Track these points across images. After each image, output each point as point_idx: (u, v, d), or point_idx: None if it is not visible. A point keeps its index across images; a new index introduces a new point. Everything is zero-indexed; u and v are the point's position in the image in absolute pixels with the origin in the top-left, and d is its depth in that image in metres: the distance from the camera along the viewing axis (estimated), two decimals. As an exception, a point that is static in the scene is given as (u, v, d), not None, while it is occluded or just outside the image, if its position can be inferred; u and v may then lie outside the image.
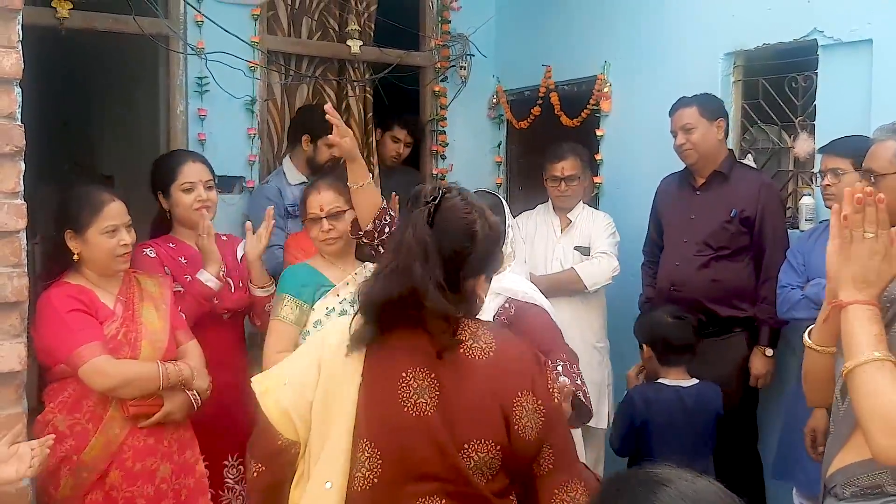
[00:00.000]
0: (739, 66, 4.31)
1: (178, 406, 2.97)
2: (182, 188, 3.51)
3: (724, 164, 4.03)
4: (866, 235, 1.87)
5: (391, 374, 1.91)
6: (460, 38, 5.55)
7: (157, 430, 2.95)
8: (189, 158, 3.62)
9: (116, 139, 6.60)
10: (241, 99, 4.75)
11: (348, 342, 1.94)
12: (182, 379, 2.96)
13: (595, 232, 4.51)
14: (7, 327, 2.56)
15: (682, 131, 4.03)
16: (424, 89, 5.63)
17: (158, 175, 3.62)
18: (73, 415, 2.86)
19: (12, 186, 2.54)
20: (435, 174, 5.62)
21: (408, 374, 1.90)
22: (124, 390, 2.86)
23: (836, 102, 3.82)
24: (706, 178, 4.06)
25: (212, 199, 3.56)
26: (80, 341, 2.80)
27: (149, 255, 3.41)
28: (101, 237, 2.92)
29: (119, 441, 2.87)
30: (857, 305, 1.87)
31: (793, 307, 3.58)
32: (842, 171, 3.42)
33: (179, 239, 3.57)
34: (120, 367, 2.85)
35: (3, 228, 2.52)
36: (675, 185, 4.23)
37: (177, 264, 3.47)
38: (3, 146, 2.51)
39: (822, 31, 3.84)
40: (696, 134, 3.99)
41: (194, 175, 3.52)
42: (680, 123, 4.04)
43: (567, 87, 5.23)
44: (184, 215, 3.53)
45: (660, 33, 4.60)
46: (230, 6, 4.72)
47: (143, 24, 4.31)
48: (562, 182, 4.49)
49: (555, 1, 5.26)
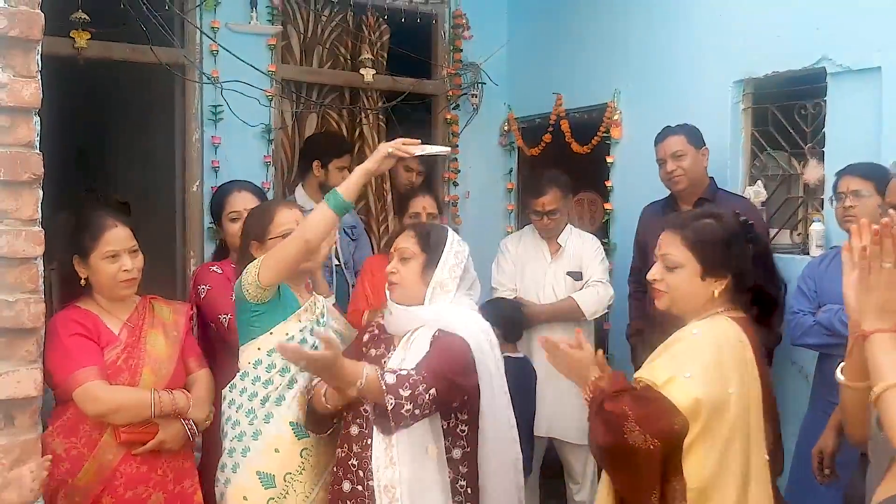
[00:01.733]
0: (749, 93, 4.33)
1: (172, 435, 2.94)
2: (230, 217, 3.61)
3: (707, 191, 4.09)
4: (884, 266, 1.89)
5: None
6: (472, 66, 5.61)
7: (151, 459, 2.92)
8: (235, 188, 3.71)
9: (132, 166, 6.67)
10: (255, 127, 4.81)
11: (741, 340, 2.39)
12: (176, 408, 2.93)
13: (586, 258, 4.54)
14: (24, 353, 2.58)
15: (672, 158, 4.09)
16: (436, 117, 5.68)
17: (212, 206, 3.82)
18: (69, 438, 2.85)
19: (30, 214, 2.57)
20: (447, 201, 5.66)
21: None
22: (115, 416, 2.84)
23: (845, 129, 3.83)
24: (692, 205, 4.05)
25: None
26: (76, 365, 2.80)
27: (216, 272, 3.51)
28: (102, 262, 2.92)
29: (112, 467, 2.85)
30: (880, 334, 1.89)
31: (805, 333, 3.57)
32: (866, 193, 3.42)
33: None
34: (112, 393, 2.83)
35: (20, 255, 2.55)
36: (657, 214, 4.23)
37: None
38: (22, 174, 2.54)
39: (830, 59, 3.85)
40: (686, 161, 4.06)
41: (240, 204, 3.59)
42: (670, 151, 4.10)
43: (578, 114, 5.26)
44: (234, 243, 3.56)
45: (670, 61, 4.63)
46: (245, 36, 4.80)
47: (159, 53, 4.38)
48: (544, 217, 4.51)
49: (565, 30, 5.31)
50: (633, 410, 2.30)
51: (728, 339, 2.42)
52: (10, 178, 2.53)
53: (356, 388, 2.45)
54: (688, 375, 2.31)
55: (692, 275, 2.47)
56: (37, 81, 2.58)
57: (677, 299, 2.51)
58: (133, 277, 2.98)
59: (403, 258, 2.85)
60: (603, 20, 5.07)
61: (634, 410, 2.30)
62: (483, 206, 5.78)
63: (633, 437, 2.29)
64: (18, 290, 2.56)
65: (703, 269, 2.46)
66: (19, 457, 2.55)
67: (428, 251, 2.85)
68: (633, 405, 2.32)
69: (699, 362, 2.34)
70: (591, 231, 4.93)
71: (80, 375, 2.79)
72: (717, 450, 2.33)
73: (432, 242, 2.86)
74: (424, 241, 2.86)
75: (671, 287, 2.50)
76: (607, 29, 5.04)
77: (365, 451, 2.70)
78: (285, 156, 5.20)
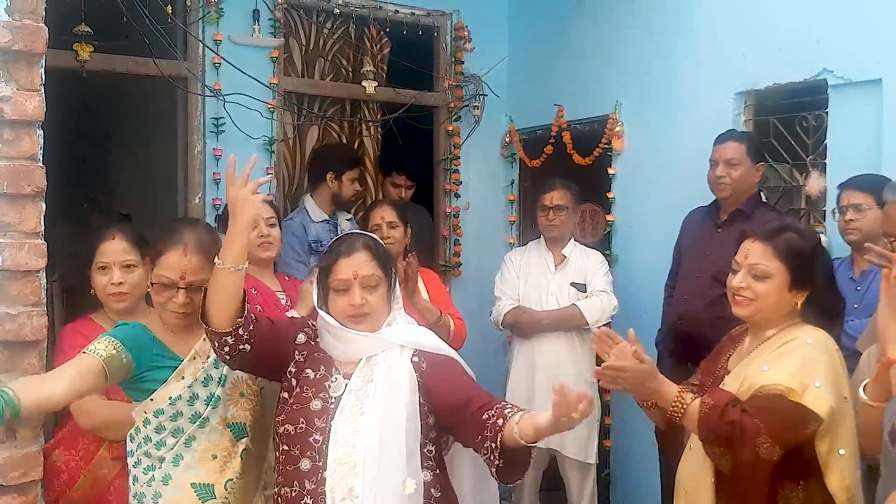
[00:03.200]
0: (750, 105, 4.33)
1: None
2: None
3: (747, 204, 4.01)
4: None
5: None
6: (474, 78, 5.63)
7: None
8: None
9: (134, 178, 6.68)
10: (257, 139, 4.82)
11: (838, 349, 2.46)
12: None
13: (590, 270, 4.57)
14: (26, 366, 2.57)
15: (724, 164, 3.98)
16: (438, 129, 5.69)
17: (225, 213, 3.66)
18: (69, 450, 2.85)
19: (33, 226, 2.57)
20: (448, 212, 5.66)
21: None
22: (107, 431, 2.82)
23: (846, 141, 3.84)
24: (729, 215, 4.05)
25: (273, 235, 3.63)
26: None
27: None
28: (95, 274, 2.92)
29: (106, 482, 2.84)
30: None
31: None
32: (866, 207, 3.43)
33: (248, 273, 3.58)
34: (104, 408, 2.81)
35: (23, 268, 2.55)
36: (698, 219, 4.21)
37: (249, 294, 3.47)
38: (25, 187, 2.55)
39: (831, 71, 3.86)
40: (739, 171, 3.96)
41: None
42: (725, 156, 3.98)
43: (579, 126, 5.27)
44: (248, 251, 3.55)
45: (671, 73, 4.64)
46: (247, 48, 4.82)
47: (162, 66, 4.39)
48: (550, 211, 4.57)
49: (567, 41, 5.33)
50: (764, 421, 2.33)
51: (833, 349, 2.49)
52: (12, 190, 2.53)
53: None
54: (818, 385, 2.36)
55: (780, 285, 2.52)
56: (40, 95, 2.59)
57: (764, 308, 2.55)
58: (121, 291, 2.93)
59: (370, 286, 2.56)
60: (604, 32, 5.08)
61: (766, 421, 2.33)
62: (484, 217, 5.78)
63: (764, 449, 2.32)
64: (21, 302, 2.55)
65: (791, 281, 2.51)
66: (22, 471, 2.54)
67: (387, 272, 2.62)
68: (763, 415, 2.35)
69: (822, 371, 2.40)
70: (592, 242, 4.95)
71: None
72: (855, 458, 2.42)
73: (388, 261, 2.65)
74: (384, 263, 2.62)
75: (759, 296, 2.53)
76: (608, 41, 5.05)
77: (320, 486, 2.42)
78: (286, 168, 5.21)
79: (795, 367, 2.41)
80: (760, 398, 2.40)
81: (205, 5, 4.68)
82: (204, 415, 2.59)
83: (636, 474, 4.75)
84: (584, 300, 4.51)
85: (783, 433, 2.34)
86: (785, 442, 2.34)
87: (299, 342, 2.62)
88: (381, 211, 4.16)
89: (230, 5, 4.77)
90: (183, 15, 4.63)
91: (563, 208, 4.58)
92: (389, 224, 4.10)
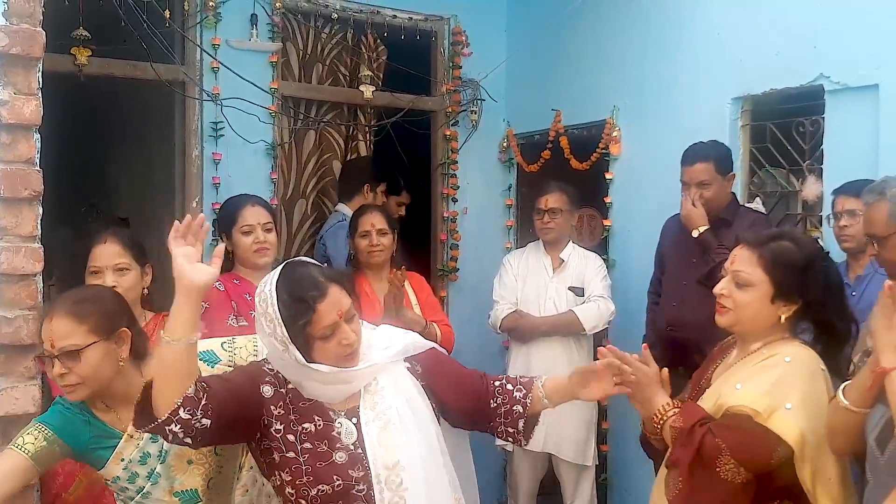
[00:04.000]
0: (747, 110, 4.34)
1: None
2: (242, 231, 3.60)
3: (727, 210, 4.03)
4: None
5: None
6: (471, 83, 5.63)
7: None
8: (248, 202, 3.69)
9: (132, 183, 6.67)
10: (255, 144, 4.82)
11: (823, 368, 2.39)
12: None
13: (588, 274, 4.57)
14: (22, 370, 2.58)
15: (696, 186, 4.00)
16: (435, 134, 5.70)
17: (221, 218, 3.77)
18: None
19: (30, 230, 2.58)
20: (446, 217, 5.67)
21: None
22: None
23: (843, 146, 3.84)
24: (710, 223, 4.03)
25: (270, 241, 3.63)
26: None
27: (218, 289, 3.47)
28: (89, 278, 2.93)
29: (101, 485, 2.78)
30: None
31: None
32: (859, 213, 3.43)
33: (244, 277, 3.62)
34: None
35: (20, 272, 2.56)
36: (678, 226, 4.22)
37: (243, 300, 3.52)
38: (22, 191, 2.56)
39: (828, 77, 3.86)
40: (711, 191, 3.98)
41: (253, 218, 3.61)
42: (696, 179, 3.99)
43: (577, 130, 5.28)
44: (244, 256, 3.61)
45: (668, 78, 4.65)
46: (246, 53, 4.82)
47: (160, 70, 4.40)
48: (545, 214, 4.59)
49: (564, 46, 5.34)
50: (727, 443, 2.24)
51: (817, 368, 2.39)
52: (9, 194, 2.54)
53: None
54: (788, 406, 2.26)
55: (763, 296, 2.41)
56: (37, 99, 2.60)
57: (742, 319, 2.45)
58: None
59: (353, 319, 2.32)
60: (602, 37, 5.09)
61: (730, 442, 2.24)
62: (482, 222, 5.79)
63: (726, 470, 2.24)
64: (17, 306, 2.56)
65: (775, 292, 2.40)
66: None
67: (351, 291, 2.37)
68: (728, 436, 2.26)
69: (798, 392, 2.30)
70: (590, 247, 4.95)
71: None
72: (846, 479, 2.33)
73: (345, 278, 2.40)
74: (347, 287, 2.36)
75: (738, 305, 2.44)
76: (606, 46, 5.06)
77: None
78: (283, 172, 5.21)
79: (766, 388, 2.31)
80: (727, 417, 2.32)
81: (203, 10, 4.68)
82: (146, 489, 2.46)
83: (633, 479, 4.74)
84: (581, 306, 4.52)
85: (748, 455, 2.24)
86: (750, 464, 2.24)
87: (267, 395, 2.29)
88: (371, 217, 4.12)
89: (228, 10, 4.77)
90: (181, 19, 4.63)
91: (558, 211, 4.60)
92: (380, 231, 4.08)
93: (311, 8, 5.17)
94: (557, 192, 4.62)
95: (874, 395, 2.08)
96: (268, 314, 2.23)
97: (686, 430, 2.31)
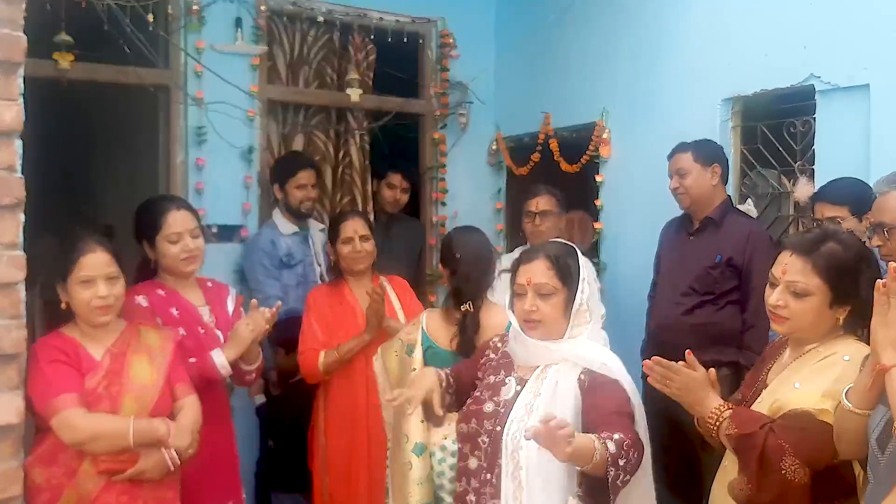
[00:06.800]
0: (738, 111, 4.33)
1: (152, 464, 2.82)
2: (168, 239, 3.32)
3: (716, 211, 4.05)
4: None
5: None
6: (459, 85, 5.61)
7: (132, 488, 2.81)
8: (173, 206, 3.40)
9: (117, 189, 6.63)
10: (239, 148, 4.78)
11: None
12: (157, 436, 2.82)
13: None
14: (5, 380, 2.53)
15: (676, 175, 4.10)
16: (424, 137, 5.67)
17: (142, 224, 3.44)
18: (49, 468, 2.76)
19: (12, 238, 2.53)
20: (436, 221, 5.63)
21: None
22: (92, 445, 2.75)
23: (834, 147, 3.83)
24: (699, 223, 4.10)
25: (199, 247, 3.38)
26: (54, 392, 2.71)
27: (141, 304, 3.28)
28: (76, 288, 2.84)
29: (91, 497, 2.76)
30: None
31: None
32: (841, 219, 3.41)
33: (169, 287, 3.41)
34: (90, 421, 2.74)
35: (2, 280, 2.51)
36: (673, 229, 4.28)
37: (169, 315, 3.33)
38: (3, 198, 2.51)
39: (819, 77, 3.86)
40: (689, 178, 4.04)
41: (179, 225, 3.33)
42: (675, 167, 4.10)
43: (566, 133, 5.26)
44: (171, 266, 3.37)
45: (658, 80, 4.63)
46: (229, 56, 4.78)
47: (143, 75, 4.35)
48: (535, 217, 4.57)
49: (553, 48, 5.32)
50: (790, 442, 2.24)
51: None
52: (-9, 202, 2.49)
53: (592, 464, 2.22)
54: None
55: (821, 303, 2.39)
56: (19, 104, 2.55)
57: (803, 327, 2.43)
58: (108, 305, 2.87)
59: (543, 294, 2.58)
60: (591, 39, 5.07)
61: (792, 442, 2.24)
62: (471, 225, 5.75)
63: (791, 471, 2.23)
64: (0, 315, 2.51)
65: (833, 297, 2.38)
66: (1, 487, 2.49)
67: (567, 283, 2.59)
68: (790, 436, 2.25)
69: None
70: (582, 250, 4.91)
71: (57, 403, 2.71)
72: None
73: (572, 272, 2.61)
74: (563, 273, 2.60)
75: (796, 314, 2.41)
76: (595, 47, 5.04)
77: (484, 487, 2.53)
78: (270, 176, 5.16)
79: (827, 386, 2.31)
80: (789, 417, 2.32)
81: (186, 13, 4.64)
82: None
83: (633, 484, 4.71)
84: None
85: (811, 454, 2.25)
86: (813, 463, 2.25)
87: (488, 357, 2.80)
88: (353, 223, 4.00)
89: (212, 13, 4.73)
90: (164, 23, 4.59)
91: (548, 213, 4.58)
92: (362, 237, 3.97)
93: (296, 11, 5.13)
94: (546, 195, 4.61)
95: (876, 395, 2.07)
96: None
97: (749, 435, 2.31)
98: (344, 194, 5.40)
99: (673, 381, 2.41)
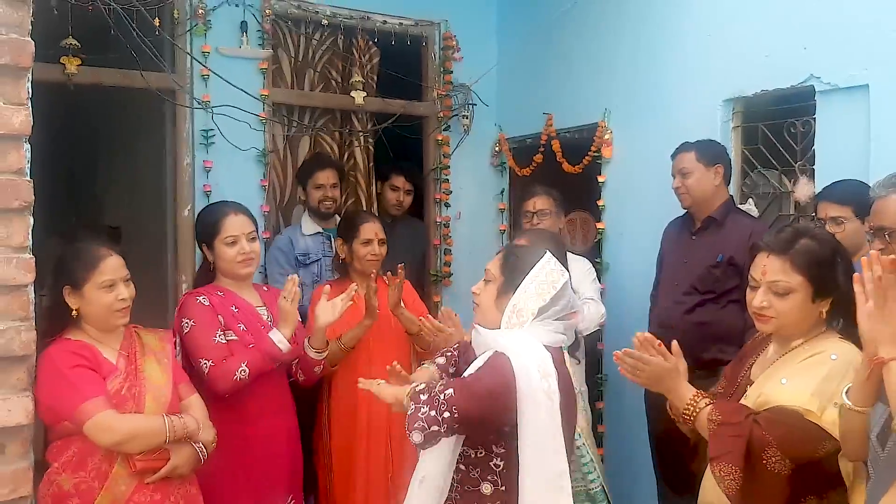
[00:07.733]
0: (738, 112, 4.34)
1: (184, 459, 2.92)
2: (225, 241, 3.50)
3: (719, 210, 4.08)
4: None
5: None
6: (462, 87, 5.63)
7: (163, 486, 2.89)
8: (231, 211, 3.58)
9: (123, 191, 6.66)
10: (246, 151, 4.81)
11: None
12: (188, 431, 2.92)
13: (577, 277, 4.54)
14: (14, 381, 2.56)
15: (679, 174, 4.13)
16: (428, 138, 5.69)
17: (202, 228, 3.65)
18: (78, 473, 2.80)
19: (21, 241, 2.56)
20: (439, 222, 5.66)
21: None
22: (130, 444, 2.81)
23: (834, 147, 3.84)
24: (701, 222, 4.12)
25: (255, 250, 3.56)
26: (83, 397, 2.76)
27: (202, 303, 3.43)
28: (98, 292, 2.89)
29: (125, 498, 2.81)
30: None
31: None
32: (844, 220, 3.42)
33: (227, 288, 3.55)
34: (125, 422, 2.81)
35: (11, 283, 2.54)
36: (676, 229, 4.31)
37: (230, 313, 3.47)
38: (13, 201, 2.54)
39: (819, 77, 3.87)
40: (692, 178, 4.07)
41: (237, 228, 3.51)
42: (678, 167, 4.14)
43: (568, 134, 5.28)
44: (227, 268, 3.52)
45: (659, 81, 4.65)
46: (236, 60, 4.81)
47: (150, 78, 4.38)
48: (533, 216, 4.58)
49: (555, 50, 5.34)
50: (774, 435, 2.27)
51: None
52: (0, 205, 2.52)
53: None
54: (837, 404, 2.27)
55: (804, 299, 2.44)
56: (27, 108, 2.58)
57: (787, 324, 2.48)
58: (127, 306, 2.97)
59: (486, 279, 2.73)
60: (592, 40, 5.09)
61: (777, 435, 2.28)
62: (475, 226, 5.78)
63: (773, 462, 2.27)
64: (9, 317, 2.54)
65: (815, 292, 2.43)
66: (12, 487, 2.53)
67: (507, 275, 2.67)
68: (776, 430, 2.29)
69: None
70: (583, 250, 4.94)
71: (89, 407, 2.75)
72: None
73: (518, 266, 2.67)
74: (508, 265, 2.69)
75: (781, 313, 2.46)
76: (597, 49, 5.06)
77: None
78: (278, 179, 5.21)
79: (815, 386, 2.34)
80: (775, 411, 2.35)
81: (192, 17, 4.68)
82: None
83: (629, 483, 4.73)
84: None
85: (794, 448, 2.29)
86: (796, 457, 2.28)
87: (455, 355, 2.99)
88: (374, 226, 4.10)
89: (218, 17, 4.77)
90: (170, 27, 4.63)
91: (546, 213, 4.58)
92: (381, 241, 4.09)
93: (301, 14, 5.17)
94: (543, 195, 4.62)
95: (874, 390, 2.07)
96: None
97: (734, 424, 2.35)
98: (348, 196, 5.44)
99: (643, 370, 2.49)
